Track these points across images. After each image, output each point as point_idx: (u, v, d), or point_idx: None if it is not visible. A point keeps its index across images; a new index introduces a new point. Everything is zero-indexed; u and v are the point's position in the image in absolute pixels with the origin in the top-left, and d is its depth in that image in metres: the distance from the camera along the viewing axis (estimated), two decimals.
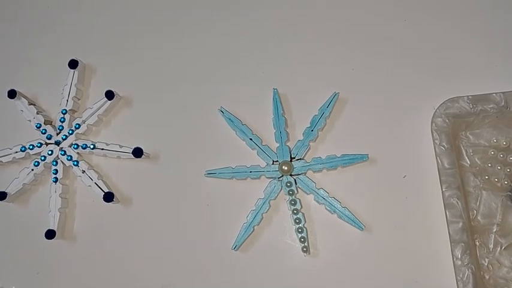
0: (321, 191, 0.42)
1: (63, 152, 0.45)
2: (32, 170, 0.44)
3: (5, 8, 0.51)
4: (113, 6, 0.49)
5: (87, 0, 0.50)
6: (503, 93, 0.40)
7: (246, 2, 0.48)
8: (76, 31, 0.49)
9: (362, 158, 0.42)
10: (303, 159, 0.43)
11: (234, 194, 0.43)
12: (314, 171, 0.42)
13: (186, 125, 0.45)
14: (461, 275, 0.38)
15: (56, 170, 0.44)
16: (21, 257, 0.45)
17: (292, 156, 0.43)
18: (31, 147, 0.45)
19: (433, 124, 0.41)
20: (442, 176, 0.40)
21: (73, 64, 0.46)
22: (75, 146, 0.45)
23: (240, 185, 0.43)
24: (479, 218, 0.41)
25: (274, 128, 0.43)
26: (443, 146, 0.40)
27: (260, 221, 0.42)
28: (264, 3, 0.47)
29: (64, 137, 0.45)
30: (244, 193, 0.43)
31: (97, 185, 0.44)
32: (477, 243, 0.40)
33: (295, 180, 0.42)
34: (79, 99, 0.47)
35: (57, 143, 0.45)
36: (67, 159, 0.44)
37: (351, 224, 0.41)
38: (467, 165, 0.42)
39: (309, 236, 0.41)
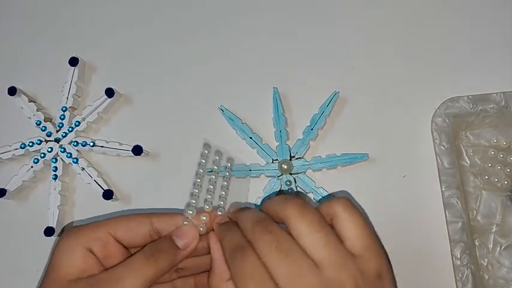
0: (321, 190, 0.42)
1: (62, 149, 0.45)
2: (32, 167, 0.44)
3: (6, 4, 0.51)
4: (114, 4, 0.49)
5: None
6: (503, 93, 0.40)
7: (247, 1, 0.48)
8: (77, 28, 0.49)
9: (362, 158, 0.42)
10: (302, 158, 0.43)
11: (233, 192, 0.43)
12: (314, 170, 0.42)
13: (186, 123, 0.45)
14: (460, 275, 0.38)
15: (56, 167, 0.44)
16: (20, 254, 0.45)
17: (292, 155, 0.43)
18: (31, 144, 0.45)
19: (433, 124, 0.41)
20: (441, 176, 0.40)
21: (73, 62, 0.46)
22: (75, 144, 0.45)
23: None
24: (479, 218, 0.41)
25: (274, 127, 0.43)
26: (443, 146, 0.40)
27: None
28: (265, 2, 0.47)
29: (64, 135, 0.45)
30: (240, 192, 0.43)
31: (96, 182, 0.44)
32: (477, 243, 0.40)
33: (294, 179, 0.42)
34: (79, 97, 0.47)
35: (57, 140, 0.45)
36: (67, 156, 0.44)
37: None
38: (467, 165, 0.42)
39: None
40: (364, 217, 0.29)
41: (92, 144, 0.44)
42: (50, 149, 0.45)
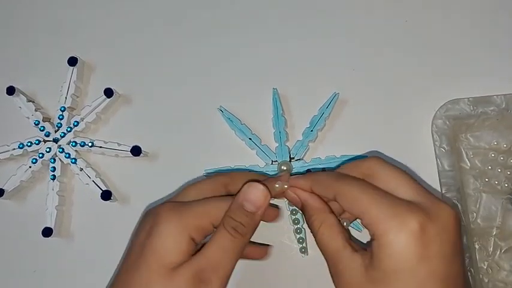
0: None
1: (61, 150, 0.45)
2: (30, 167, 0.44)
3: (4, 4, 0.51)
4: (113, 4, 0.49)
5: None
6: (504, 95, 0.40)
7: (246, 1, 0.48)
8: (76, 28, 0.49)
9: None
10: (302, 159, 0.42)
11: None
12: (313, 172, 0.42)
13: (185, 124, 0.45)
14: None
15: (54, 168, 0.44)
16: (18, 254, 0.45)
17: (292, 156, 0.42)
18: (29, 144, 0.45)
19: (434, 126, 0.40)
20: (442, 178, 0.40)
21: (72, 61, 0.46)
22: (73, 144, 0.45)
23: None
24: (478, 220, 0.41)
25: (274, 128, 0.43)
26: (444, 148, 0.40)
27: None
28: (264, 3, 0.47)
29: (62, 135, 0.45)
30: None
31: (95, 183, 0.43)
32: (476, 246, 0.40)
33: None
34: (78, 97, 0.47)
35: (55, 141, 0.45)
36: (65, 156, 0.44)
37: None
38: (468, 168, 0.42)
39: (307, 237, 0.41)
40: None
41: (90, 144, 0.44)
42: (48, 149, 0.45)
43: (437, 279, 0.27)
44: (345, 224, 0.33)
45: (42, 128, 0.45)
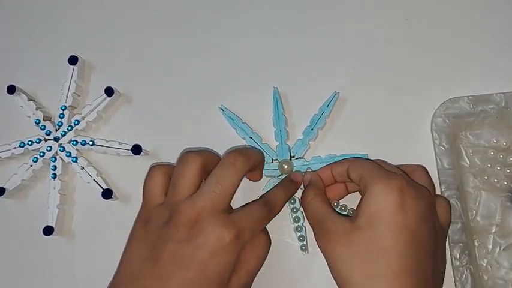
0: None
1: (62, 148, 0.45)
2: (31, 166, 0.44)
3: (5, 3, 0.51)
4: (114, 3, 0.49)
5: None
6: (503, 93, 0.40)
7: (247, 0, 0.48)
8: (76, 27, 0.49)
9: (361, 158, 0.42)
10: (302, 158, 0.43)
11: None
12: (314, 170, 0.42)
13: (186, 122, 0.45)
14: (459, 276, 0.38)
15: (55, 166, 0.44)
16: (19, 253, 0.45)
17: (292, 155, 0.43)
18: (30, 143, 0.45)
19: (433, 124, 0.41)
20: (441, 176, 0.40)
21: (73, 60, 0.46)
22: (74, 143, 0.45)
23: None
24: (478, 218, 0.41)
25: (274, 127, 0.43)
26: (443, 146, 0.40)
27: None
28: (265, 2, 0.47)
29: (63, 133, 0.45)
30: (243, 191, 0.43)
31: (96, 181, 0.43)
32: (476, 244, 0.40)
33: None
34: (79, 96, 0.47)
35: (56, 139, 0.45)
36: (66, 155, 0.44)
37: None
38: (467, 166, 0.42)
39: (307, 235, 0.41)
40: None
41: (91, 143, 0.44)
42: (49, 148, 0.45)
43: (409, 230, 0.32)
44: (334, 204, 0.40)
45: (43, 127, 0.45)
